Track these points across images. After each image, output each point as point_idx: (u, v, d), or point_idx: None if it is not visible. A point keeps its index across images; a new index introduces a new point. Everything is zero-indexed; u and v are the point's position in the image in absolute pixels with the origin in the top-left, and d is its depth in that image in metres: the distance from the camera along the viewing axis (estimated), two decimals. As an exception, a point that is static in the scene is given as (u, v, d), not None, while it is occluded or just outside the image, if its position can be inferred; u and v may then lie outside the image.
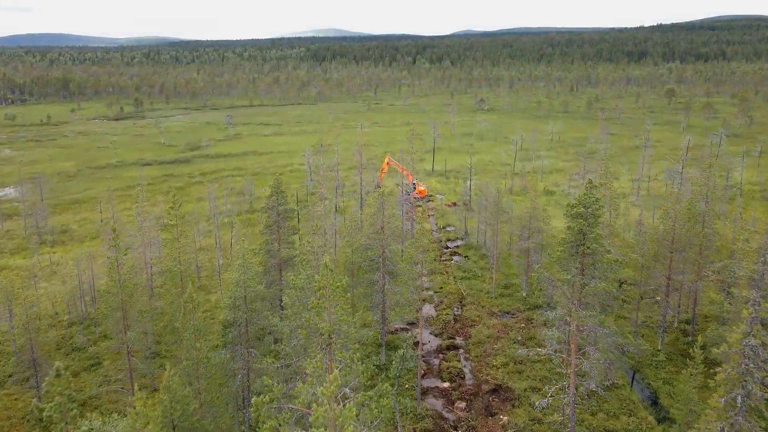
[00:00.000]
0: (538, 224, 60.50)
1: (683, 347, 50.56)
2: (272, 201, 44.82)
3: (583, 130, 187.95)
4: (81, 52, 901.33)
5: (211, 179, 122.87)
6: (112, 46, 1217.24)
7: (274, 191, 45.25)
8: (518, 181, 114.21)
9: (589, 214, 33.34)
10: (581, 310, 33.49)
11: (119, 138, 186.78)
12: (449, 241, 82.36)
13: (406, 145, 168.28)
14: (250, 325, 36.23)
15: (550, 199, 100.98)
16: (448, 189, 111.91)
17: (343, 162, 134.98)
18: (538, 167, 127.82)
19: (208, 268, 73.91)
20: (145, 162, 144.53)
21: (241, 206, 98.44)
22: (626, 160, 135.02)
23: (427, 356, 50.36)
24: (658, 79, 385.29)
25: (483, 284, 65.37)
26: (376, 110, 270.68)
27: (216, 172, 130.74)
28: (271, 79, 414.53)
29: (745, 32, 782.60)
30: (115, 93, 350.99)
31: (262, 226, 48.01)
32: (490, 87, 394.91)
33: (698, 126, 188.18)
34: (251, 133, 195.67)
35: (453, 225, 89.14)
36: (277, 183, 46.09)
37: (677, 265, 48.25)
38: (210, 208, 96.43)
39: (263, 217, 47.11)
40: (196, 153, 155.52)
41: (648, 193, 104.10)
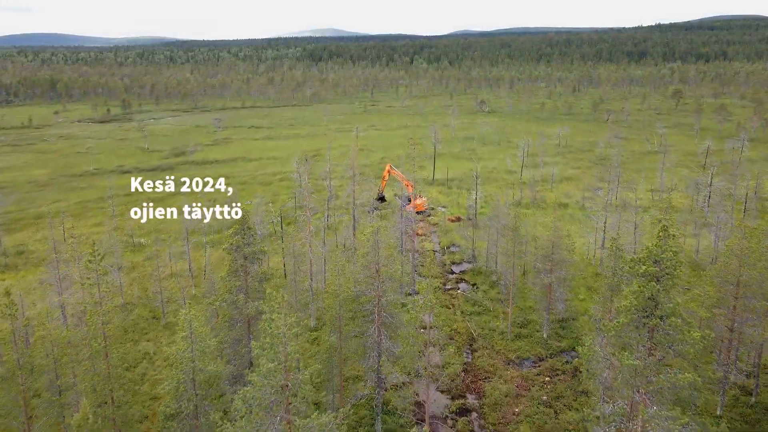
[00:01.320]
0: (562, 254, 51.18)
1: (747, 411, 41.38)
2: (237, 240, 35.49)
3: (591, 134, 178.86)
4: (74, 52, 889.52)
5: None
6: (108, 46, 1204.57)
7: (241, 228, 35.92)
8: (527, 192, 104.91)
9: (663, 273, 24.05)
10: (651, 406, 24.18)
11: (102, 142, 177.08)
12: (454, 264, 72.99)
13: (403, 150, 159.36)
14: (200, 415, 26.88)
15: (564, 214, 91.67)
16: (451, 201, 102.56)
17: (336, 170, 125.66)
18: (547, 175, 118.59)
19: (180, 299, 64.39)
20: (124, 169, 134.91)
21: (223, 221, 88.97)
22: (640, 167, 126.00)
23: (433, 424, 41.05)
24: (661, 79, 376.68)
25: (496, 321, 56.05)
26: (372, 112, 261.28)
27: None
28: (265, 79, 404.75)
29: (745, 32, 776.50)
30: (104, 94, 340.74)
31: (224, 270, 38.74)
32: (490, 87, 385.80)
33: (711, 129, 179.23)
34: (241, 137, 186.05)
35: (458, 244, 79.78)
36: (244, 217, 36.78)
37: (742, 313, 39.01)
38: (185, 225, 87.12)
39: (227, 259, 37.71)
40: (180, 159, 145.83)
41: (671, 207, 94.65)
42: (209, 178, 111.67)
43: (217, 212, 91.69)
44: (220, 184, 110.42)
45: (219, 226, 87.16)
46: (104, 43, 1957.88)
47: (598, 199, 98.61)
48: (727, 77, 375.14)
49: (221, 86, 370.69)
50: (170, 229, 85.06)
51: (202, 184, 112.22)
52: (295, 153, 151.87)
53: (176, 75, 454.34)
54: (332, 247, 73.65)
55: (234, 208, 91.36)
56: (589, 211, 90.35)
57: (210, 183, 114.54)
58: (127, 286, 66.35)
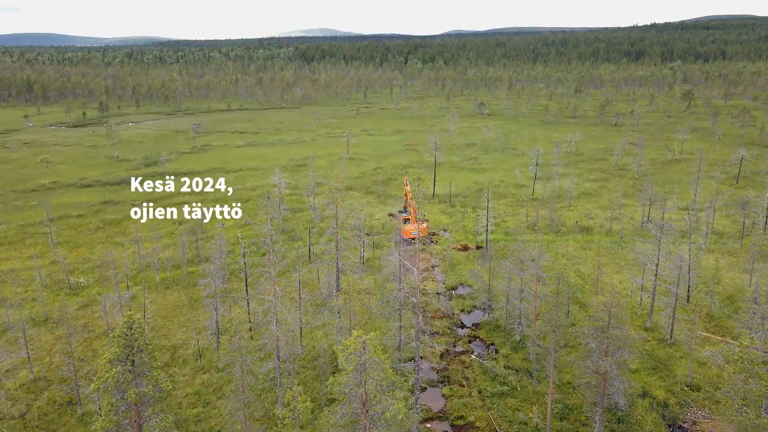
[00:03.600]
0: (616, 332, 36.64)
1: None
2: (116, 353, 21.24)
3: (602, 140, 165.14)
4: (60, 52, 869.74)
5: (158, 206, 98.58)
6: (98, 46, 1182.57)
7: (124, 335, 21.71)
8: (541, 211, 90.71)
9: None
10: None
11: (69, 150, 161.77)
12: (464, 312, 58.74)
13: (399, 159, 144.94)
14: None
15: (588, 241, 77.63)
16: (455, 223, 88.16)
17: (324, 186, 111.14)
18: (562, 190, 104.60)
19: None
20: (85, 183, 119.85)
21: (185, 252, 74.42)
22: (663, 179, 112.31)
23: None
24: (664, 79, 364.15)
25: (527, 410, 41.84)
26: (365, 115, 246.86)
27: (167, 198, 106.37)
28: (254, 80, 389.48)
29: (741, 32, 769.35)
30: (84, 96, 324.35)
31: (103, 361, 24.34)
32: (487, 88, 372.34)
33: (732, 135, 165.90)
34: (222, 143, 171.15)
35: (468, 283, 65.56)
36: (129, 325, 22.56)
37: None
38: (138, 258, 72.43)
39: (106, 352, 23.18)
40: (149, 170, 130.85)
41: (714, 233, 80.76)
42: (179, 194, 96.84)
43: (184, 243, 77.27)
44: (194, 208, 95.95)
45: (177, 260, 72.60)
46: (95, 43, 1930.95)
47: (627, 223, 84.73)
48: (732, 77, 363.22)
49: (207, 87, 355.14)
50: (122, 260, 70.46)
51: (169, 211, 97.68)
52: (279, 163, 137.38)
53: (162, 75, 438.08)
54: (310, 307, 59.34)
55: (198, 239, 76.78)
56: (629, 242, 76.14)
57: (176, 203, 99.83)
58: (47, 351, 51.65)
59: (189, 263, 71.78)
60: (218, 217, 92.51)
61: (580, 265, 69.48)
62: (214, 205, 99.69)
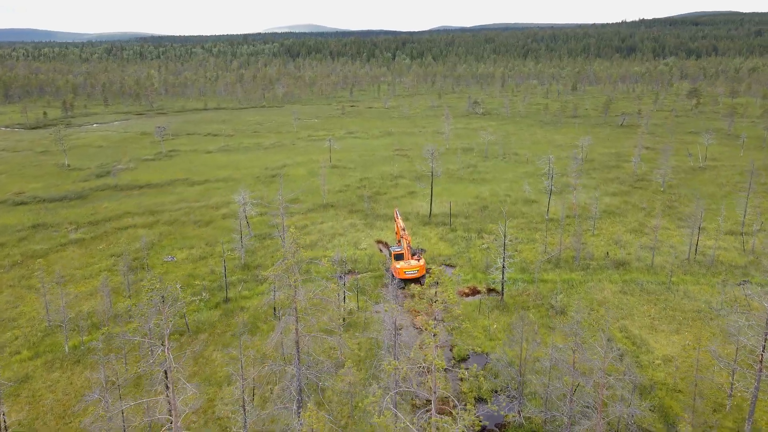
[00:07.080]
0: None
1: None
2: None
3: (612, 144, 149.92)
4: (38, 48, 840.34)
5: (98, 234, 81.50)
6: (77, 42, 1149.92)
7: None
8: (563, 237, 74.70)
9: None
10: None
11: (14, 157, 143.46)
12: (481, 403, 42.61)
13: (388, 167, 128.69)
14: None
15: (627, 281, 61.86)
16: (458, 254, 71.79)
17: (305, 200, 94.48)
18: (582, 209, 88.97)
19: None
20: (20, 199, 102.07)
21: (112, 303, 57.55)
22: (693, 192, 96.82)
23: None
24: (661, 76, 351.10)
25: None
26: (351, 114, 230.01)
27: (114, 220, 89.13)
28: (235, 77, 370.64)
29: (730, 27, 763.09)
30: (50, 94, 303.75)
31: None
32: (479, 85, 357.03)
33: (755, 137, 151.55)
34: (192, 148, 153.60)
35: (481, 349, 49.44)
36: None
37: None
38: (47, 315, 55.37)
39: None
40: (101, 183, 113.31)
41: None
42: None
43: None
44: (142, 233, 78.69)
45: (102, 314, 55.66)
46: (77, 38, 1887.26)
47: (667, 253, 69.01)
48: (731, 74, 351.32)
49: (184, 85, 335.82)
50: (29, 314, 53.45)
51: (109, 239, 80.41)
52: (252, 173, 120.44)
53: (139, 72, 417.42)
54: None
55: (132, 282, 59.55)
56: (679, 283, 59.94)
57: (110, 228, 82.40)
58: None
59: (114, 320, 54.82)
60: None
61: (625, 319, 53.64)
62: (168, 228, 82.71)
